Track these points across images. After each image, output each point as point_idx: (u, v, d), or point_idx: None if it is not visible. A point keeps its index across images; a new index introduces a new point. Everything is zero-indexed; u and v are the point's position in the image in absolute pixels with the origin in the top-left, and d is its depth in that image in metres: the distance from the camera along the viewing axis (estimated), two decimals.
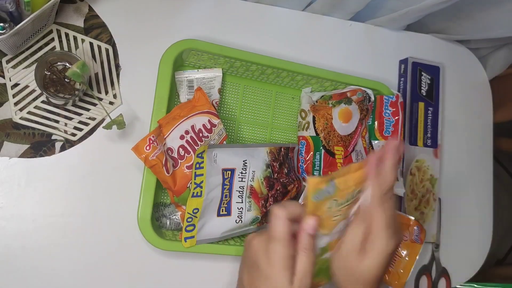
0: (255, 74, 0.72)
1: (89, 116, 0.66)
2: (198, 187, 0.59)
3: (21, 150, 0.62)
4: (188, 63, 0.70)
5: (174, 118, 0.62)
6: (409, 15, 0.78)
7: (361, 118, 0.71)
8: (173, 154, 0.60)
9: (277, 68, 0.70)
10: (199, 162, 0.59)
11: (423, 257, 0.82)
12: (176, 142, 0.61)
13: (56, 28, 0.65)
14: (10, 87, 0.63)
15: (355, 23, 0.83)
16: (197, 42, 0.65)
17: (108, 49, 0.68)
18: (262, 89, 0.75)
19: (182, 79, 0.69)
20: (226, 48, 0.66)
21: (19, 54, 0.63)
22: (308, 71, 0.71)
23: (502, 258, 1.67)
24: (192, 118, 0.62)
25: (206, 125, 0.63)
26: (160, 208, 0.66)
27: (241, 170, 0.63)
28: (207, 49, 0.65)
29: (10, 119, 0.62)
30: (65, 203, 0.63)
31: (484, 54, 0.95)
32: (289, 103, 0.77)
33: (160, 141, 0.59)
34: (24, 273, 0.61)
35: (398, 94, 0.75)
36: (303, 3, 0.78)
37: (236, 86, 0.74)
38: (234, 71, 0.72)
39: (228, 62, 0.68)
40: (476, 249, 0.88)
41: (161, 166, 0.57)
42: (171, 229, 0.65)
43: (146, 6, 0.71)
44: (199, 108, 0.64)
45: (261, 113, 0.75)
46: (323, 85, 0.75)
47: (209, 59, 0.68)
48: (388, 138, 0.74)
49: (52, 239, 0.62)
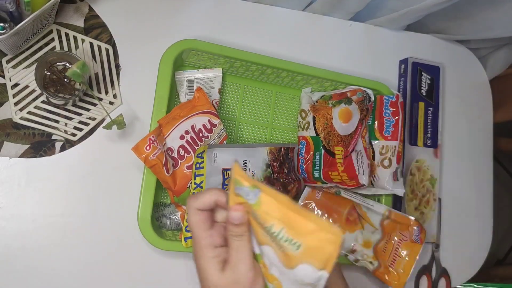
0: (255, 74, 0.72)
1: (89, 116, 0.66)
2: (198, 187, 0.59)
3: (21, 150, 0.62)
4: (188, 63, 0.70)
5: (174, 118, 0.62)
6: (409, 15, 0.78)
7: (361, 118, 0.71)
8: (173, 154, 0.60)
9: (277, 68, 0.70)
10: (199, 162, 0.59)
11: (423, 257, 0.82)
12: (176, 142, 0.61)
13: (56, 28, 0.65)
14: (10, 87, 0.63)
15: (355, 23, 0.83)
16: (197, 42, 0.65)
17: (108, 49, 0.68)
18: (262, 89, 0.75)
19: (182, 79, 0.69)
20: (226, 48, 0.66)
21: (19, 54, 0.63)
22: (308, 71, 0.71)
23: (502, 258, 1.67)
24: (192, 118, 0.62)
25: (206, 125, 0.63)
26: (160, 208, 0.66)
27: None
28: (207, 49, 0.65)
29: (10, 119, 0.62)
30: (65, 203, 0.63)
31: (484, 54, 0.95)
32: (289, 103, 0.77)
33: (160, 141, 0.59)
34: (24, 273, 0.61)
35: (398, 94, 0.75)
36: (303, 3, 0.78)
37: (236, 86, 0.74)
38: (234, 71, 0.72)
39: (228, 62, 0.68)
40: (476, 249, 0.88)
41: (161, 166, 0.57)
42: (171, 229, 0.65)
43: (146, 6, 0.71)
44: (199, 108, 0.64)
45: (261, 113, 0.75)
46: (323, 85, 0.75)
47: (209, 59, 0.68)
48: (388, 138, 0.74)
49: (52, 239, 0.62)
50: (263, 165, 0.66)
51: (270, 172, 0.66)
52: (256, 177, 0.65)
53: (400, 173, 0.75)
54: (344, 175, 0.69)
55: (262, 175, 0.65)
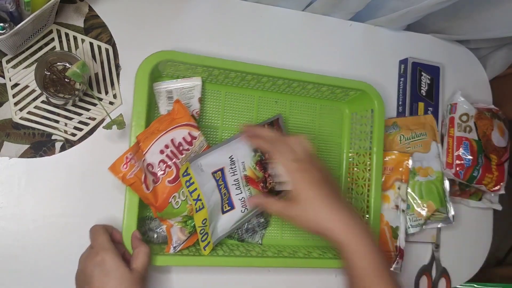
0: (236, 81, 0.70)
1: (89, 116, 0.66)
2: (198, 201, 0.59)
3: (21, 150, 0.62)
4: (166, 73, 0.67)
5: (153, 133, 0.60)
6: (409, 15, 0.78)
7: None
8: (154, 170, 0.59)
9: (256, 74, 0.67)
10: (188, 180, 0.58)
11: (423, 257, 0.82)
12: (156, 157, 0.59)
13: (56, 28, 0.65)
14: (10, 87, 0.63)
15: (355, 23, 0.83)
16: (172, 53, 0.63)
17: (108, 49, 0.68)
18: (244, 95, 0.73)
19: (161, 90, 0.66)
20: (203, 57, 0.64)
21: (19, 54, 0.63)
22: (288, 75, 0.68)
23: (502, 258, 1.67)
24: (172, 132, 0.61)
25: (186, 138, 0.62)
26: (147, 222, 0.65)
27: (230, 166, 0.63)
28: (183, 59, 0.63)
29: (10, 119, 0.62)
30: (65, 203, 0.63)
31: (484, 54, 0.95)
32: (272, 107, 0.75)
33: (139, 157, 0.58)
34: (24, 273, 0.61)
35: None
36: (303, 3, 0.78)
37: (217, 94, 0.72)
38: (214, 79, 0.70)
39: (206, 71, 0.66)
40: (476, 249, 0.88)
41: (140, 183, 0.56)
42: (158, 242, 0.64)
43: (146, 6, 0.71)
44: (179, 120, 0.62)
45: (244, 119, 0.73)
46: (306, 88, 0.73)
47: (186, 69, 0.66)
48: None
49: (52, 239, 0.62)
50: (250, 152, 0.65)
51: (260, 155, 0.66)
52: (247, 166, 0.65)
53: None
54: (494, 180, 0.82)
55: (253, 161, 0.65)
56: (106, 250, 0.53)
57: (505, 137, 0.86)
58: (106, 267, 0.52)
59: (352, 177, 0.76)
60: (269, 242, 0.72)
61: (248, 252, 0.66)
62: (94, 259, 0.53)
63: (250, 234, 0.70)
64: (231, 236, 0.69)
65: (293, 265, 0.66)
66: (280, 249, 0.69)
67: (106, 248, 0.53)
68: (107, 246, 0.53)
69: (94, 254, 0.53)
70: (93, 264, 0.52)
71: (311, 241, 0.74)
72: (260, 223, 0.71)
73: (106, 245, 0.53)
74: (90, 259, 0.53)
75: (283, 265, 0.66)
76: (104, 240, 0.54)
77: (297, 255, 0.68)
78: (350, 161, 0.77)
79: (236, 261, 0.63)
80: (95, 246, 0.55)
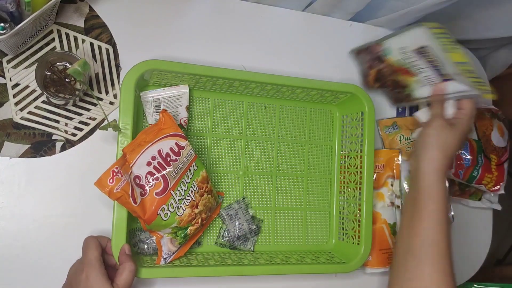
0: (224, 88, 0.70)
1: (90, 116, 0.66)
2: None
3: (22, 150, 0.62)
4: (153, 82, 0.66)
5: (140, 145, 0.59)
6: (409, 15, 0.78)
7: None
8: (141, 182, 0.58)
9: (244, 81, 0.67)
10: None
11: None
12: (143, 169, 0.58)
13: (57, 28, 0.65)
14: (10, 87, 0.63)
15: (355, 23, 0.83)
16: (157, 62, 0.61)
17: (109, 49, 0.68)
18: (233, 101, 0.73)
19: (148, 99, 0.66)
20: (189, 65, 0.63)
21: (20, 54, 0.63)
22: (276, 81, 0.68)
23: (502, 258, 1.67)
24: (159, 143, 0.60)
25: (173, 148, 0.60)
26: (137, 234, 0.64)
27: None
28: (169, 68, 0.62)
29: (10, 119, 0.62)
30: (65, 203, 0.64)
31: (484, 54, 0.95)
32: (262, 112, 0.74)
33: (126, 170, 0.56)
34: (24, 273, 0.61)
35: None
36: (303, 3, 0.78)
37: (205, 101, 0.71)
38: (202, 86, 0.69)
39: (193, 78, 0.66)
40: (475, 249, 0.88)
41: (127, 197, 0.55)
42: (149, 253, 0.64)
43: (147, 6, 0.71)
44: (166, 131, 0.61)
45: (234, 125, 0.72)
46: (295, 92, 0.72)
47: (173, 77, 0.65)
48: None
49: (52, 239, 0.62)
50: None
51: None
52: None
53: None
54: (494, 180, 0.83)
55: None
56: (91, 268, 0.54)
57: (505, 137, 0.86)
58: (88, 284, 0.53)
59: (344, 180, 0.76)
60: (261, 248, 0.72)
61: (240, 260, 0.65)
62: (80, 275, 0.54)
63: (242, 241, 0.70)
64: (223, 244, 0.69)
65: (286, 272, 0.66)
66: (273, 256, 0.69)
67: (92, 265, 0.54)
68: (93, 263, 0.54)
69: (80, 270, 0.55)
70: (78, 280, 0.54)
71: (304, 246, 0.74)
72: (252, 230, 0.70)
73: (93, 262, 0.55)
74: (76, 275, 0.55)
75: (276, 273, 0.65)
76: (92, 256, 0.55)
77: (289, 261, 0.68)
78: (341, 163, 0.77)
79: (227, 270, 0.62)
80: (83, 261, 0.56)
